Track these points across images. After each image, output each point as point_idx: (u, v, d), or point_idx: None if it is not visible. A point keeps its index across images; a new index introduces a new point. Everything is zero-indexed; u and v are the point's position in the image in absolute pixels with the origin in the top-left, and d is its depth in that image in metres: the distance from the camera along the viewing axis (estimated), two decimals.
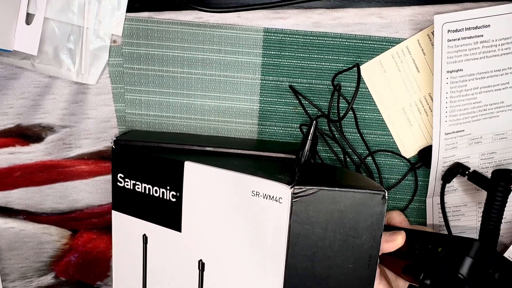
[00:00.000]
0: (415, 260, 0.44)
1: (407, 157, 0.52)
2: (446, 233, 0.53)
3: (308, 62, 0.49)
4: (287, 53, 0.49)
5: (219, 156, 0.46)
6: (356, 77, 0.49)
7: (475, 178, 0.49)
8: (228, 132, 0.51)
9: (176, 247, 0.46)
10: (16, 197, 0.53)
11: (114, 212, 0.48)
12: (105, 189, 0.53)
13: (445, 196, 0.52)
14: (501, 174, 0.48)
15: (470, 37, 0.46)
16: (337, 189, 0.39)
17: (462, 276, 0.42)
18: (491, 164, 0.51)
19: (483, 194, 0.50)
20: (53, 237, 0.54)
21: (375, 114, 0.51)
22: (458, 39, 0.46)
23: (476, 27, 0.45)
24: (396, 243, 0.42)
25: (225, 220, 0.42)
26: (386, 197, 0.39)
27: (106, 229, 0.54)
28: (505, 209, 0.49)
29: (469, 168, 0.50)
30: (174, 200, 0.45)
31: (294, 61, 0.49)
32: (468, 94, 0.48)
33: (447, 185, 0.52)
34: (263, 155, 0.47)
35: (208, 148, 0.47)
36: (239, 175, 0.41)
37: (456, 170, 0.50)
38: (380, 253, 0.40)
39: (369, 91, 0.50)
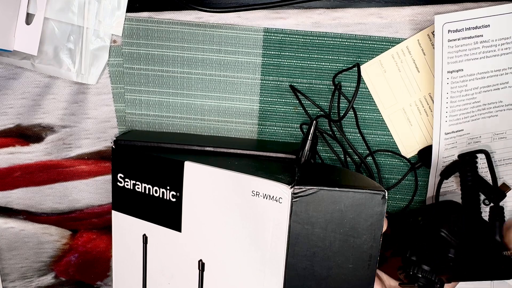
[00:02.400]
0: (401, 239, 0.45)
1: (407, 157, 0.52)
2: None
3: (308, 62, 0.49)
4: (287, 53, 0.49)
5: (219, 156, 0.46)
6: (356, 77, 0.49)
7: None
8: (228, 132, 0.51)
9: (176, 247, 0.46)
10: (16, 197, 0.53)
11: (114, 212, 0.48)
12: (105, 189, 0.53)
13: (445, 196, 0.52)
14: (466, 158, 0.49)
15: (470, 37, 0.46)
16: (337, 189, 0.39)
17: (445, 234, 0.43)
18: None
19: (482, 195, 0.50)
20: (53, 237, 0.54)
21: (375, 114, 0.51)
22: (459, 39, 0.46)
23: (476, 27, 0.45)
24: None
25: (225, 220, 0.42)
26: (386, 197, 0.39)
27: (106, 229, 0.54)
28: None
29: None
30: (174, 200, 0.45)
31: (294, 61, 0.49)
32: (468, 94, 0.48)
33: (447, 184, 0.52)
34: (263, 155, 0.47)
35: (208, 148, 0.47)
36: (239, 175, 0.41)
37: (454, 168, 0.50)
38: None
39: (369, 91, 0.50)
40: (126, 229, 0.48)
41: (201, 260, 0.45)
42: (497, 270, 0.44)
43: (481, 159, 0.50)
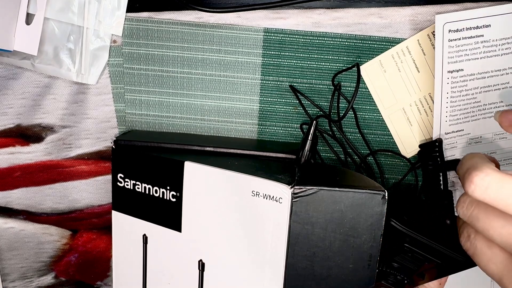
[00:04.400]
0: None
1: (407, 157, 0.52)
2: None
3: (308, 62, 0.49)
4: (287, 53, 0.49)
5: (219, 156, 0.46)
6: (356, 77, 0.49)
7: None
8: (228, 132, 0.51)
9: (176, 247, 0.46)
10: (16, 197, 0.53)
11: (114, 212, 0.48)
12: (105, 189, 0.53)
13: None
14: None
15: (471, 37, 0.46)
16: (337, 189, 0.39)
17: (395, 223, 0.43)
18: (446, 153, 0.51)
19: None
20: (53, 237, 0.54)
21: (375, 114, 0.50)
22: (459, 39, 0.46)
23: (477, 27, 0.45)
24: None
25: (225, 220, 0.42)
26: (386, 197, 0.39)
27: (106, 229, 0.54)
28: None
29: None
30: (174, 200, 0.45)
31: (294, 61, 0.49)
32: (468, 94, 0.48)
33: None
34: (263, 155, 0.47)
35: (208, 148, 0.47)
36: (239, 175, 0.41)
37: (452, 165, 0.50)
38: None
39: (369, 91, 0.50)
40: (126, 229, 0.48)
41: (201, 260, 0.45)
42: (454, 261, 0.43)
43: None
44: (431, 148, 0.49)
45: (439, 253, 0.43)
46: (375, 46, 0.48)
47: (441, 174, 0.49)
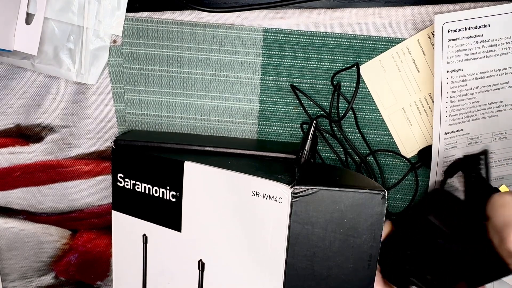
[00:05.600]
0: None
1: (407, 157, 0.52)
2: None
3: (308, 62, 0.49)
4: (287, 53, 0.49)
5: (219, 156, 0.46)
6: (356, 76, 0.49)
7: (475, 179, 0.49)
8: (228, 132, 0.51)
9: (176, 247, 0.46)
10: (16, 197, 0.53)
11: (114, 212, 0.48)
12: (105, 189, 0.53)
13: None
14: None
15: (470, 37, 0.46)
16: (337, 189, 0.39)
17: (433, 219, 0.42)
18: (491, 164, 0.51)
19: None
20: (53, 237, 0.54)
21: (375, 114, 0.51)
22: (459, 39, 0.46)
23: (476, 27, 0.45)
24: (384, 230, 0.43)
25: (225, 220, 0.42)
26: (386, 197, 0.39)
27: (106, 229, 0.54)
28: None
29: None
30: (174, 200, 0.45)
31: (294, 61, 0.49)
32: (468, 93, 0.48)
33: (449, 181, 0.52)
34: (263, 155, 0.47)
35: (208, 148, 0.47)
36: (239, 175, 0.41)
37: (459, 165, 0.50)
38: None
39: (369, 91, 0.50)
40: (126, 229, 0.48)
41: (201, 260, 0.45)
42: (490, 269, 0.43)
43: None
44: (476, 160, 0.49)
45: (474, 257, 0.43)
46: (375, 46, 0.48)
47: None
